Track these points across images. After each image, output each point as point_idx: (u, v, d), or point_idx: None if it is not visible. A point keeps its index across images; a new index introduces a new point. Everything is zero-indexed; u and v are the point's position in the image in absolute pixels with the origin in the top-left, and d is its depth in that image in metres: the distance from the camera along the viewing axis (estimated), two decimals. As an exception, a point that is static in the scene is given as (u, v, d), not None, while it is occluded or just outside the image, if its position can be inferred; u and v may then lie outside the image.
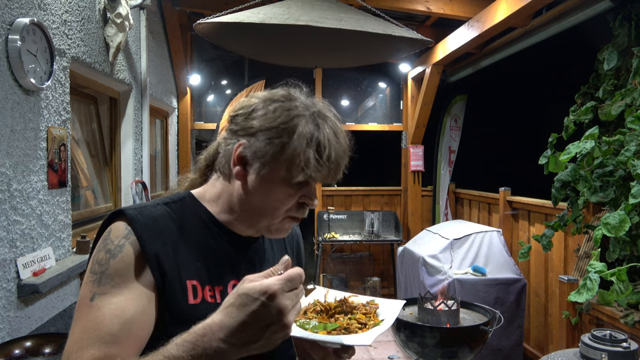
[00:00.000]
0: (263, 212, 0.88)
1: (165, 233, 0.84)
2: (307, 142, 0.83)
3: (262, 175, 0.85)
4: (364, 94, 5.53)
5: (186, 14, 4.48)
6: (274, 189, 0.86)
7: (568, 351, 1.79)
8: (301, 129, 0.84)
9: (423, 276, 3.40)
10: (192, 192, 0.95)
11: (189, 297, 0.83)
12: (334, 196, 5.37)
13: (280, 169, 0.84)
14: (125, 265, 0.79)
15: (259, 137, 0.85)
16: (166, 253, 0.82)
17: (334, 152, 0.86)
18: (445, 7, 3.84)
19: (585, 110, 2.67)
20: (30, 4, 1.93)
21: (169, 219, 0.87)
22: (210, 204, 0.92)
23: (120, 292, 0.78)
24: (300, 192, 0.87)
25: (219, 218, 0.92)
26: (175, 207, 0.89)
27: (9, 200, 1.79)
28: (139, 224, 0.82)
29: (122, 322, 0.76)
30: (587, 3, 3.05)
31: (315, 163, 0.83)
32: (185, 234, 0.87)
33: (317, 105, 0.90)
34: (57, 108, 2.18)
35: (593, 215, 2.79)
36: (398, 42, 2.87)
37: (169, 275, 0.82)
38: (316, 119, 0.86)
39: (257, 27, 2.63)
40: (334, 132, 0.88)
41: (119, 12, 2.66)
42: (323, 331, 0.85)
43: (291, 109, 0.86)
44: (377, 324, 0.88)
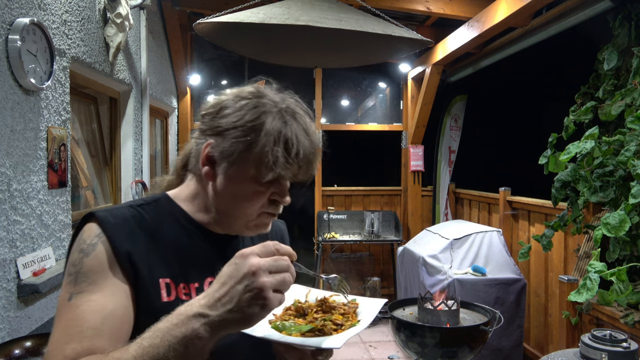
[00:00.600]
0: (236, 211, 0.87)
1: (136, 233, 0.84)
2: (274, 140, 0.82)
3: (231, 175, 0.85)
4: (364, 94, 5.53)
5: (186, 14, 4.48)
6: (243, 188, 0.85)
7: (568, 351, 1.79)
8: (268, 126, 0.83)
9: (423, 276, 3.40)
10: (168, 192, 0.95)
11: (162, 294, 0.83)
12: (334, 196, 5.37)
13: (249, 168, 0.84)
14: (99, 262, 0.80)
15: (226, 137, 0.84)
16: (137, 252, 0.82)
17: (302, 149, 0.84)
18: (445, 7, 3.84)
19: (585, 110, 2.67)
20: (30, 4, 1.93)
21: (140, 220, 0.86)
22: (186, 204, 0.92)
23: (98, 289, 0.78)
24: (270, 189, 0.86)
25: (195, 217, 0.91)
26: (149, 208, 0.89)
27: (9, 200, 1.79)
28: (109, 224, 0.82)
29: (103, 317, 0.76)
30: (587, 3, 3.05)
31: (283, 161, 0.82)
32: (158, 234, 0.87)
33: (286, 102, 0.88)
34: (57, 108, 2.18)
35: (593, 215, 2.79)
36: (398, 42, 2.87)
37: (141, 274, 0.82)
38: (284, 116, 0.85)
39: (257, 27, 2.63)
40: (303, 128, 0.86)
41: (119, 12, 2.66)
42: (297, 333, 0.83)
43: (258, 106, 0.85)
44: (353, 324, 0.86)
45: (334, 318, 0.87)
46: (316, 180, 5.26)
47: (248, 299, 0.67)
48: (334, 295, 0.96)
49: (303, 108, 0.90)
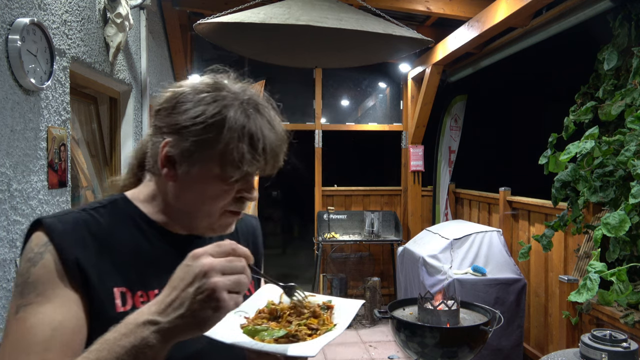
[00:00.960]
0: (199, 212, 0.82)
1: (87, 239, 0.78)
2: (238, 136, 0.77)
3: (193, 175, 0.79)
4: (364, 94, 5.53)
5: (186, 14, 4.48)
6: (208, 188, 0.80)
7: (568, 351, 1.79)
8: (231, 121, 0.77)
9: (423, 276, 3.40)
10: (125, 193, 0.89)
11: (116, 304, 0.78)
12: (334, 196, 5.37)
13: (213, 167, 0.78)
14: (47, 271, 0.74)
15: (184, 134, 0.78)
16: (88, 260, 0.77)
17: (268, 143, 0.79)
18: (445, 7, 3.84)
19: (585, 110, 2.67)
20: (30, 4, 1.93)
21: (93, 225, 0.80)
22: (145, 205, 0.87)
23: (46, 300, 0.73)
24: (236, 186, 0.81)
25: (155, 219, 0.86)
26: (104, 212, 0.84)
27: (9, 200, 1.79)
28: (56, 231, 0.76)
29: (52, 329, 0.71)
30: (587, 3, 3.05)
31: (250, 157, 0.77)
32: (114, 238, 0.81)
33: (248, 93, 0.82)
34: (57, 108, 2.18)
35: (593, 215, 2.79)
36: (398, 41, 2.87)
37: (93, 283, 0.76)
38: (246, 109, 0.79)
39: (257, 27, 2.63)
40: (267, 120, 0.81)
41: (119, 12, 2.66)
42: (270, 339, 0.78)
43: (218, 99, 0.79)
44: (329, 329, 0.81)
45: (309, 322, 0.82)
46: (316, 180, 5.26)
47: (200, 302, 0.63)
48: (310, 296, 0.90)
49: (265, 98, 0.85)
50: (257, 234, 1.07)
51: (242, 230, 1.02)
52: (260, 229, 1.09)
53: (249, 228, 1.05)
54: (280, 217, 8.29)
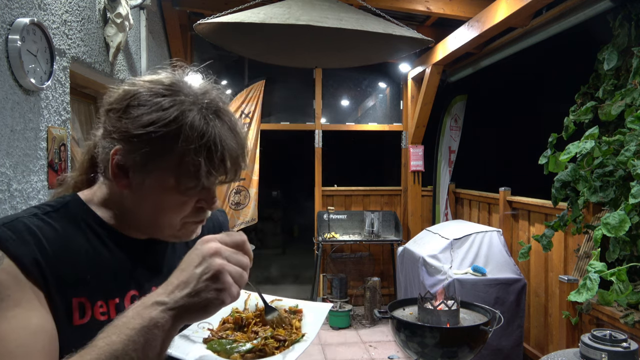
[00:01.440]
0: (157, 223, 0.78)
1: (42, 248, 0.71)
2: (196, 147, 0.70)
3: (148, 186, 0.74)
4: (364, 94, 5.53)
5: (186, 14, 4.48)
6: (163, 200, 0.74)
7: (568, 351, 1.79)
8: (187, 130, 0.70)
9: (423, 276, 3.40)
10: (79, 194, 0.82)
11: (74, 317, 0.72)
12: (334, 196, 5.37)
13: (167, 178, 0.73)
14: (10, 275, 0.67)
15: (136, 144, 0.71)
16: (46, 268, 0.70)
17: (228, 153, 0.73)
18: (445, 7, 3.84)
19: (585, 110, 2.67)
20: (30, 4, 1.93)
21: (47, 230, 0.73)
22: (100, 209, 0.80)
23: (15, 304, 0.66)
24: (195, 197, 0.76)
25: (111, 223, 0.80)
26: (57, 216, 0.76)
27: (9, 200, 1.79)
28: (9, 240, 0.69)
29: (31, 332, 0.65)
30: (587, 3, 3.05)
31: (206, 169, 0.71)
32: (70, 245, 0.74)
33: (208, 95, 0.76)
34: (57, 108, 2.18)
35: (593, 215, 2.79)
36: (398, 41, 2.87)
37: (52, 291, 0.70)
38: (206, 114, 0.73)
39: (257, 27, 2.63)
40: (228, 127, 0.74)
41: (119, 12, 2.66)
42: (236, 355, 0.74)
43: (175, 104, 0.72)
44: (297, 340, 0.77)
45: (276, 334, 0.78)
46: (316, 180, 5.27)
47: (205, 281, 0.63)
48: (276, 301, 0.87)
49: (226, 99, 0.79)
50: (224, 229, 1.00)
51: (209, 227, 0.94)
52: (227, 225, 1.04)
53: (216, 224, 0.99)
54: (280, 217, 8.29)
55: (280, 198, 8.18)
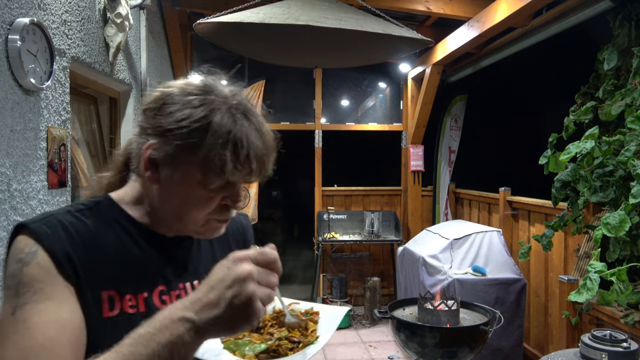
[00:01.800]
0: (183, 217, 0.80)
1: (75, 240, 0.75)
2: (222, 142, 0.74)
3: (176, 180, 0.77)
4: (364, 94, 5.53)
5: (186, 14, 4.48)
6: (190, 194, 0.78)
7: (568, 351, 1.79)
8: (216, 126, 0.74)
9: (423, 276, 3.40)
10: (110, 195, 0.86)
11: (104, 309, 0.76)
12: (334, 196, 5.37)
13: (195, 173, 0.76)
14: (43, 269, 0.71)
15: (168, 137, 0.76)
16: (79, 263, 0.74)
17: (253, 151, 0.76)
18: (445, 7, 3.84)
19: (585, 110, 2.67)
20: (30, 4, 1.93)
21: (80, 228, 0.77)
22: (131, 207, 0.84)
23: (45, 297, 0.70)
24: (221, 194, 0.79)
25: (141, 221, 0.84)
26: (90, 214, 0.81)
27: (9, 200, 1.79)
28: (44, 234, 0.73)
29: (60, 326, 0.69)
30: (587, 3, 3.05)
31: (232, 165, 0.74)
32: (101, 241, 0.78)
33: (237, 97, 0.79)
34: (57, 108, 2.18)
35: (593, 215, 2.79)
36: (398, 42, 2.87)
37: (83, 285, 0.74)
38: (234, 114, 0.76)
39: (257, 27, 2.63)
40: (255, 127, 0.78)
41: (119, 12, 2.66)
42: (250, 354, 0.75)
43: (206, 103, 0.76)
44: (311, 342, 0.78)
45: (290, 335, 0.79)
46: (316, 180, 5.27)
47: (236, 307, 0.63)
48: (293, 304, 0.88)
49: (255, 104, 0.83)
50: (247, 232, 1.04)
51: (232, 230, 0.98)
52: (250, 228, 1.06)
53: (239, 227, 1.02)
54: (280, 217, 8.30)
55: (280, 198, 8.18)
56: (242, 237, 1.02)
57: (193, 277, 0.88)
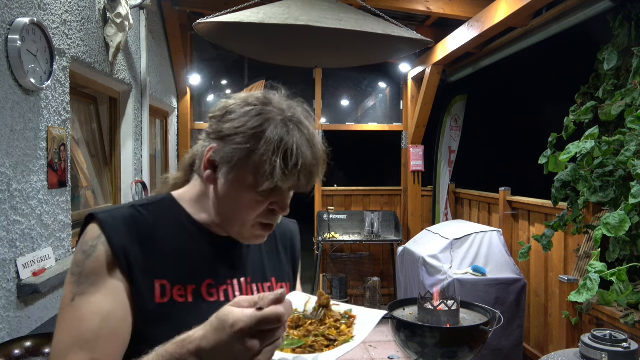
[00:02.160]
0: (233, 217, 0.87)
1: (134, 233, 0.84)
2: (274, 149, 0.80)
3: (230, 181, 0.85)
4: (364, 94, 5.53)
5: (186, 14, 4.48)
6: (242, 196, 0.84)
7: (568, 351, 1.79)
8: (269, 134, 0.81)
9: (423, 276, 3.40)
10: (173, 193, 0.95)
11: (155, 295, 0.83)
12: (334, 196, 5.37)
13: (247, 176, 0.83)
14: (99, 264, 0.81)
15: (227, 142, 0.84)
16: (134, 252, 0.83)
17: (302, 160, 0.81)
18: (445, 7, 3.84)
19: (585, 110, 2.67)
20: (30, 4, 1.93)
21: (141, 220, 0.86)
22: (190, 205, 0.92)
23: (97, 290, 0.79)
24: (269, 199, 0.85)
25: (198, 219, 0.91)
26: (152, 209, 0.89)
27: (9, 200, 1.79)
28: (108, 225, 0.83)
29: (102, 319, 0.78)
30: (587, 3, 3.05)
31: (281, 171, 0.80)
32: (158, 234, 0.87)
33: (293, 110, 0.86)
34: (57, 108, 2.18)
35: (593, 215, 2.79)
36: (398, 42, 2.87)
37: (136, 274, 0.82)
38: (288, 125, 0.83)
39: (257, 27, 2.63)
40: (306, 139, 0.83)
41: (119, 12, 2.67)
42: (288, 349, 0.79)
43: (263, 113, 0.83)
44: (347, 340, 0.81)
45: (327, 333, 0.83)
46: (316, 180, 5.26)
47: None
48: (334, 305, 0.91)
49: (311, 116, 0.89)
50: (295, 239, 1.10)
51: (280, 234, 1.05)
52: (298, 234, 1.12)
53: (287, 233, 1.08)
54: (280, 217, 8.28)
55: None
56: (290, 243, 1.08)
57: (240, 275, 0.94)
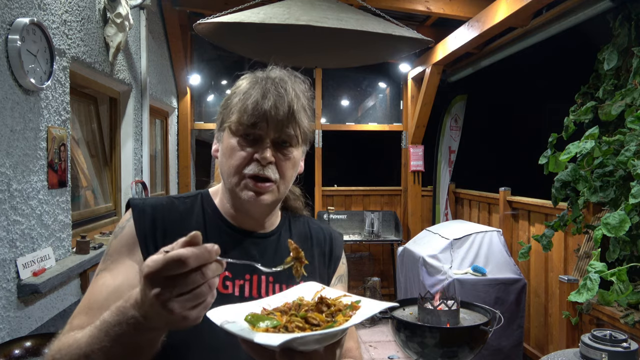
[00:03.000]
0: (228, 174, 0.91)
1: (159, 221, 0.90)
2: (248, 95, 0.88)
3: (220, 140, 0.94)
4: (364, 94, 5.53)
5: (186, 14, 4.48)
6: (226, 149, 0.91)
7: (568, 351, 1.79)
8: (244, 87, 0.90)
9: (423, 276, 3.40)
10: (209, 189, 1.01)
11: None
12: (334, 196, 5.37)
13: (229, 125, 0.90)
14: (122, 243, 0.87)
15: (220, 113, 0.95)
16: (154, 238, 0.88)
17: (279, 103, 0.87)
18: (445, 7, 3.84)
19: (585, 110, 2.67)
20: (30, 4, 1.93)
21: (171, 210, 0.92)
22: (218, 200, 0.98)
23: (115, 267, 0.85)
24: (251, 148, 0.89)
25: (222, 212, 0.96)
26: (186, 202, 0.96)
27: (9, 200, 1.79)
28: (137, 209, 0.90)
29: (109, 291, 0.82)
30: (587, 3, 3.05)
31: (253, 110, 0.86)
32: (185, 225, 0.91)
33: (278, 73, 0.93)
34: (57, 108, 2.18)
35: (593, 215, 2.79)
36: (398, 42, 2.87)
37: None
38: (260, 80, 0.90)
39: (257, 27, 2.63)
40: (280, 88, 0.88)
41: (119, 12, 2.66)
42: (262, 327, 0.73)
43: (243, 78, 0.94)
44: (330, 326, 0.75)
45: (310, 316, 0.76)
46: (316, 180, 5.26)
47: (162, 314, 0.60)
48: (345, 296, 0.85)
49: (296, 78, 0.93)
50: (335, 245, 1.07)
51: (317, 239, 1.05)
52: (340, 241, 1.10)
53: (327, 239, 1.07)
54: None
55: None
56: (328, 248, 1.06)
57: (262, 272, 0.93)
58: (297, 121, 0.89)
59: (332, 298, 0.84)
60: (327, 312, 0.80)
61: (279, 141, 0.89)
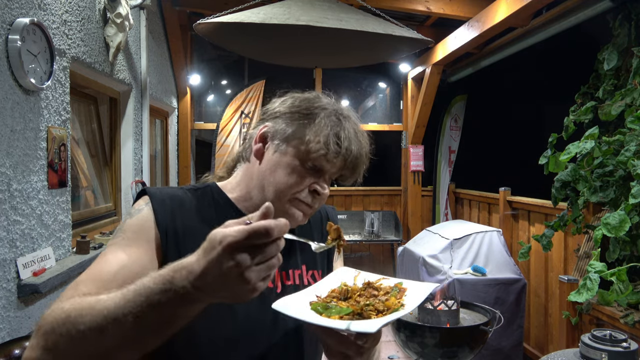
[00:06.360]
0: (273, 190, 0.89)
1: (177, 212, 0.90)
2: (329, 129, 0.87)
3: (280, 151, 0.90)
4: (364, 94, 5.53)
5: (186, 14, 4.48)
6: (287, 167, 0.88)
7: (568, 351, 1.79)
8: (323, 117, 0.89)
9: (423, 276, 3.40)
10: (217, 182, 1.01)
11: None
12: (334, 196, 5.37)
13: (299, 147, 0.88)
14: (139, 223, 0.86)
15: (282, 118, 0.92)
16: (173, 229, 0.87)
17: (354, 146, 0.88)
18: (445, 7, 3.84)
19: (585, 110, 2.66)
20: (30, 4, 1.93)
21: (185, 201, 0.92)
22: (231, 192, 0.98)
23: (127, 245, 0.84)
24: (312, 176, 0.89)
25: (238, 205, 0.96)
26: (197, 193, 0.95)
27: (9, 200, 1.79)
28: (156, 198, 0.89)
29: (119, 267, 0.80)
30: (587, 3, 3.05)
31: (334, 148, 0.86)
32: (199, 217, 0.91)
33: (341, 107, 0.95)
34: (57, 108, 2.18)
35: (593, 215, 2.79)
36: (398, 42, 2.87)
37: (171, 253, 0.85)
38: (338, 115, 0.91)
39: (257, 27, 2.63)
40: (354, 130, 0.90)
41: (119, 12, 2.66)
42: (335, 316, 0.79)
43: (316, 102, 0.92)
44: (395, 310, 0.82)
45: (376, 302, 0.83)
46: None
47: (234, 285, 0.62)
48: (383, 279, 0.92)
49: (357, 117, 0.96)
50: (329, 217, 1.11)
51: (314, 220, 1.06)
52: (334, 213, 1.14)
53: (323, 213, 1.10)
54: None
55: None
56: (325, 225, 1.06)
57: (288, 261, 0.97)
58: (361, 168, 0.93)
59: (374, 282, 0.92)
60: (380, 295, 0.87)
61: (334, 176, 0.93)
